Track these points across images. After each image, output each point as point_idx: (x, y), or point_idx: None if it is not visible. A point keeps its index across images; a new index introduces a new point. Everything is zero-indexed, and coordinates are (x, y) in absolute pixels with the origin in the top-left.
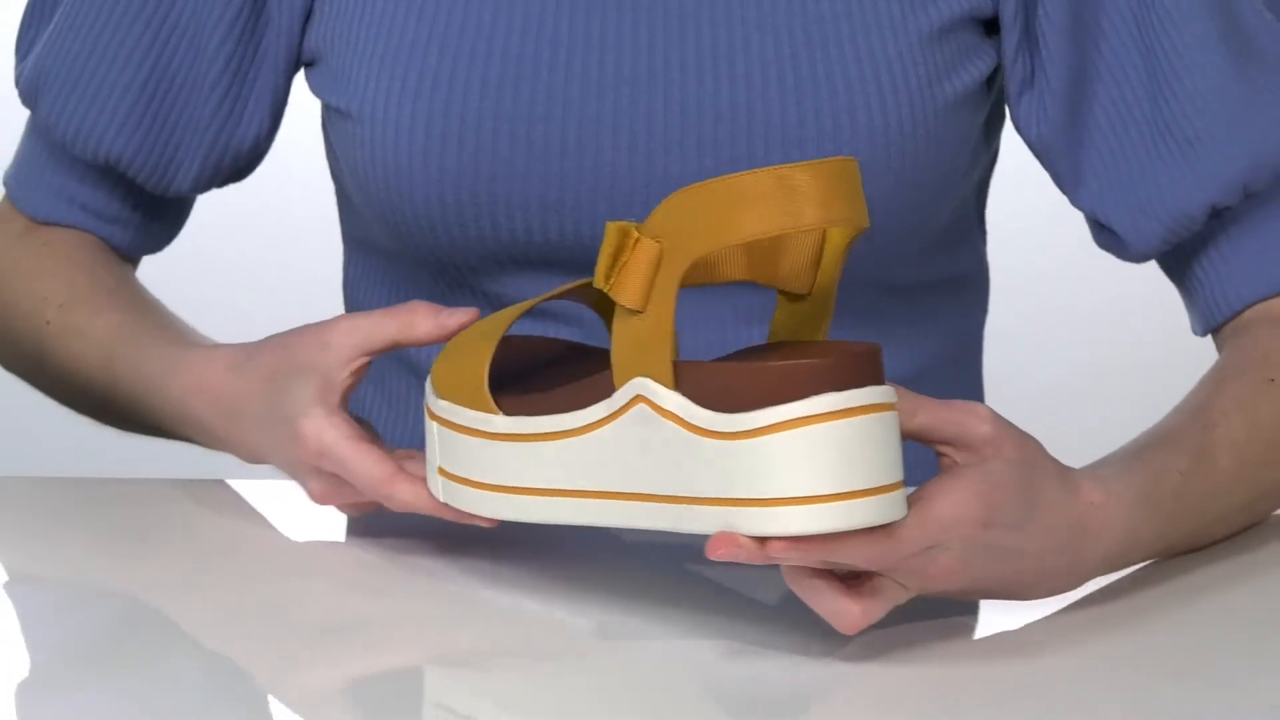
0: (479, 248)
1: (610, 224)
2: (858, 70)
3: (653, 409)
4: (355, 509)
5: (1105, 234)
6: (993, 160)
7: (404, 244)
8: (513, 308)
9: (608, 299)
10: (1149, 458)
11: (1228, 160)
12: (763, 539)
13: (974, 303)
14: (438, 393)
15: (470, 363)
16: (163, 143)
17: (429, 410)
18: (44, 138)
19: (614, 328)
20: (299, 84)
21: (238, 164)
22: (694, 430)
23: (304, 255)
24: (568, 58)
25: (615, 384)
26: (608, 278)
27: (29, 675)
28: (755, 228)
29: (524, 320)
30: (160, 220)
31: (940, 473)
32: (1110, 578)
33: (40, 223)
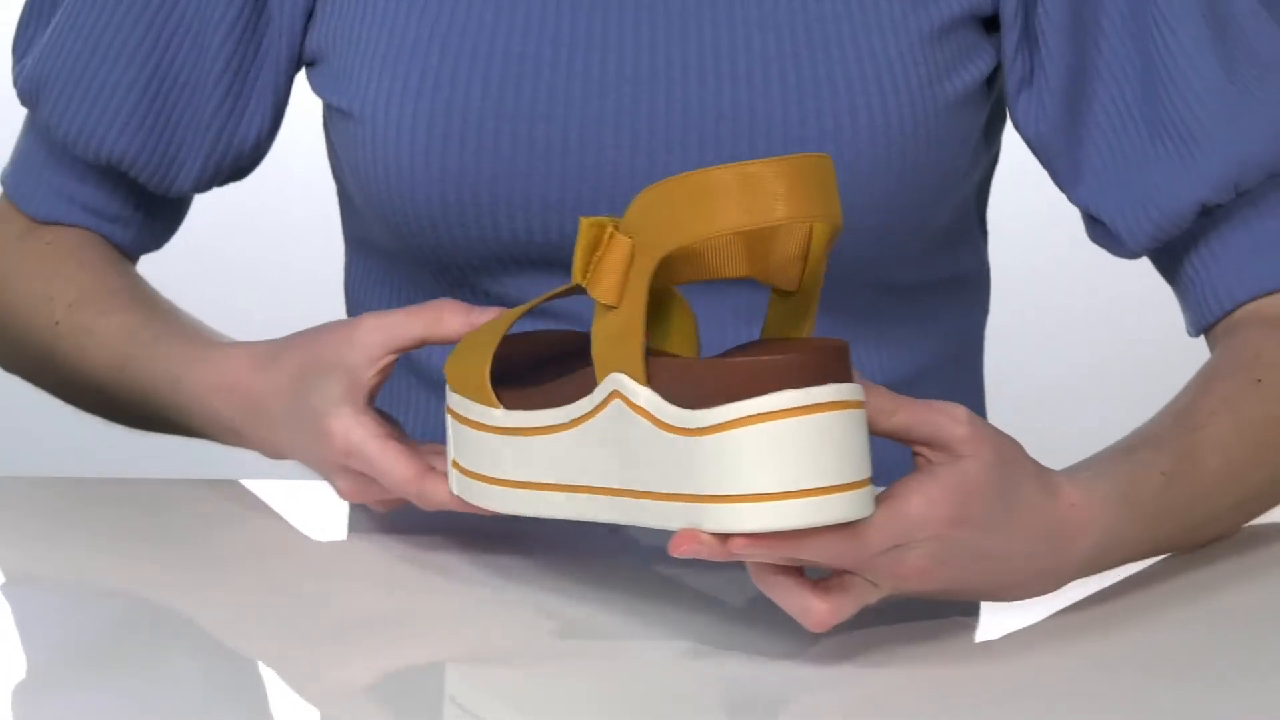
0: (480, 248)
1: (584, 219)
2: (859, 70)
3: (626, 404)
4: (383, 506)
5: (1098, 229)
6: (994, 161)
7: (405, 244)
8: (522, 306)
9: None
10: (1131, 459)
11: (1219, 159)
12: (725, 536)
13: (974, 303)
14: (451, 387)
15: (476, 357)
16: (165, 142)
17: (446, 405)
18: (44, 138)
19: (593, 323)
20: (299, 84)
21: (239, 163)
22: (661, 426)
23: (304, 255)
24: (569, 56)
25: (596, 379)
26: (584, 273)
27: (28, 676)
28: (719, 224)
29: (525, 319)
30: (160, 219)
31: (913, 471)
32: (1108, 578)
33: (41, 222)
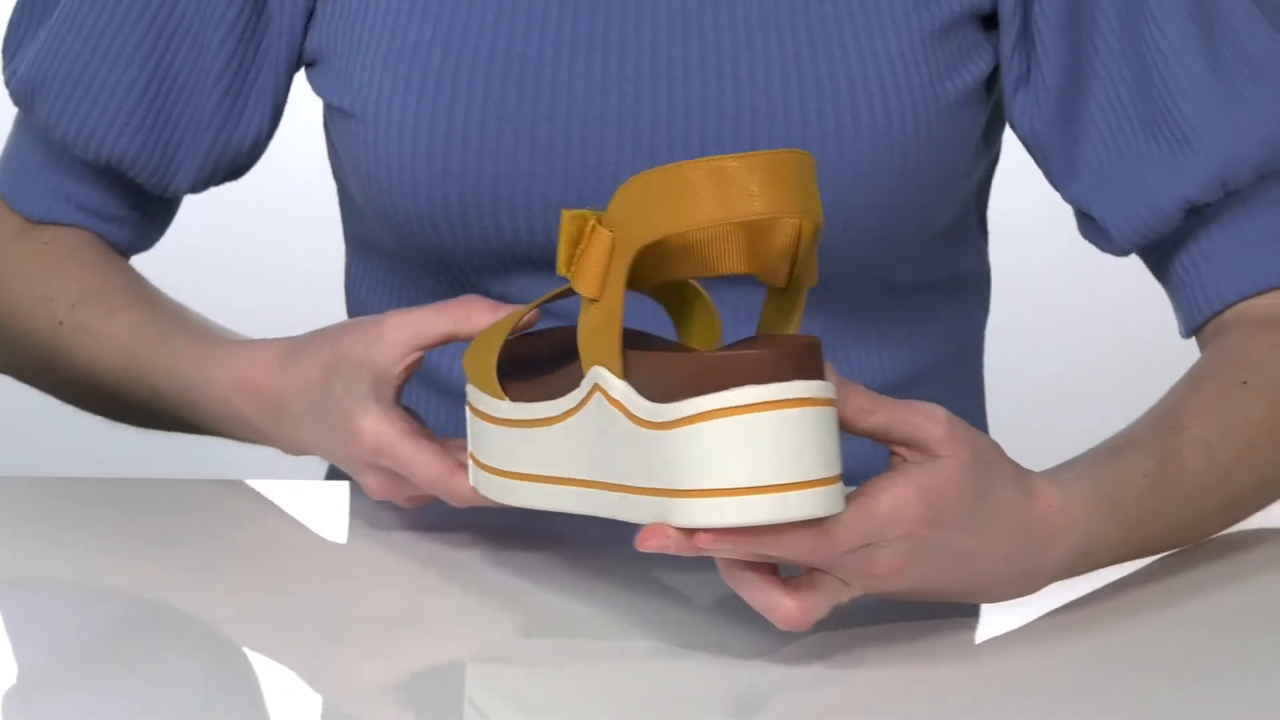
0: (482, 248)
1: (565, 211)
2: (860, 70)
3: (605, 397)
4: (410, 502)
5: (1089, 225)
6: (994, 161)
7: (407, 244)
8: (536, 300)
9: None
10: (1113, 459)
11: (1207, 157)
12: (692, 531)
13: (975, 303)
14: (468, 379)
15: (486, 351)
16: (164, 142)
17: (466, 399)
18: (40, 137)
19: (579, 316)
20: (299, 84)
21: (237, 162)
22: (634, 419)
23: (304, 255)
24: (571, 56)
25: (583, 372)
26: (568, 266)
27: (28, 677)
28: (692, 218)
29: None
30: (154, 218)
31: (887, 470)
32: (1104, 578)
33: (35, 222)
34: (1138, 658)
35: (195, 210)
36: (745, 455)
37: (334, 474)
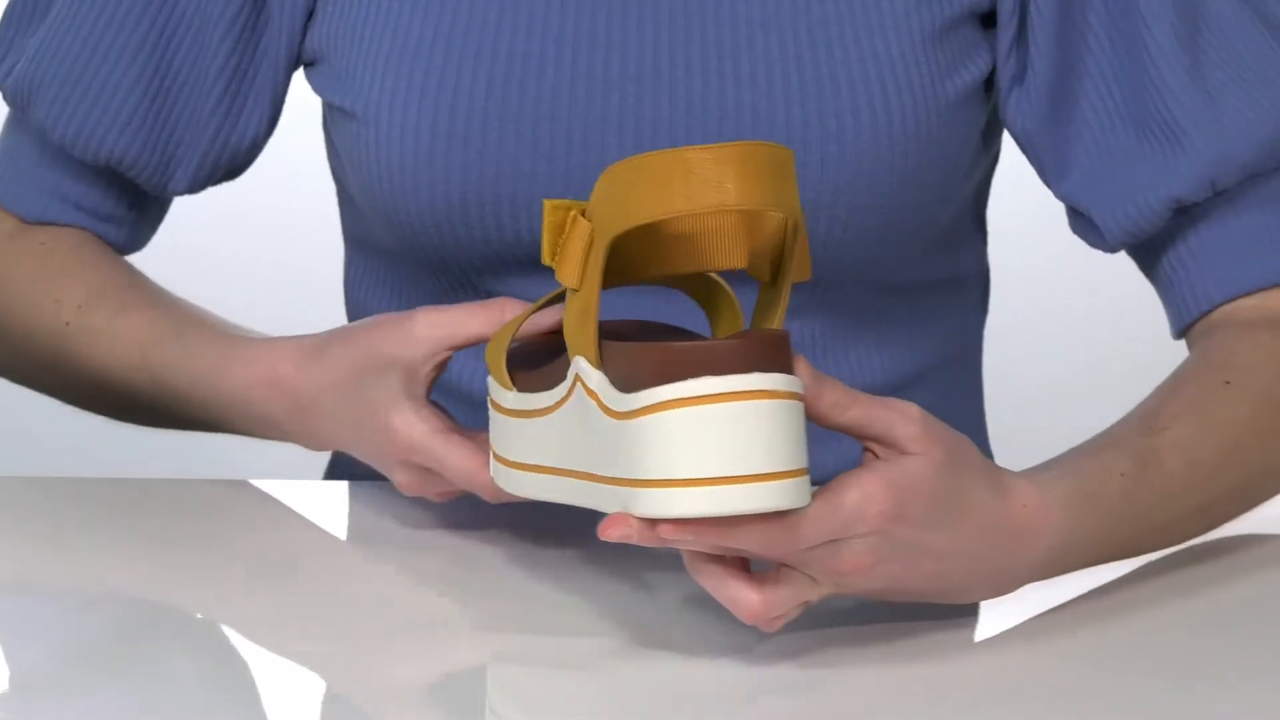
0: (484, 248)
1: (547, 201)
2: (861, 70)
3: (583, 387)
4: (442, 497)
5: (1079, 221)
6: (994, 161)
7: (407, 244)
8: (549, 295)
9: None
10: (1091, 459)
11: (1195, 156)
12: (654, 521)
13: (974, 303)
14: (487, 370)
15: (498, 342)
16: (164, 141)
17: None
18: (37, 138)
19: (565, 307)
20: (298, 83)
21: (235, 162)
22: (605, 410)
23: (304, 255)
24: (573, 56)
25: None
26: (552, 256)
27: (31, 679)
28: (658, 209)
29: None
30: (149, 218)
31: (858, 466)
32: (1096, 579)
33: (31, 222)
34: (1130, 657)
35: (194, 210)
36: (701, 446)
37: (333, 474)
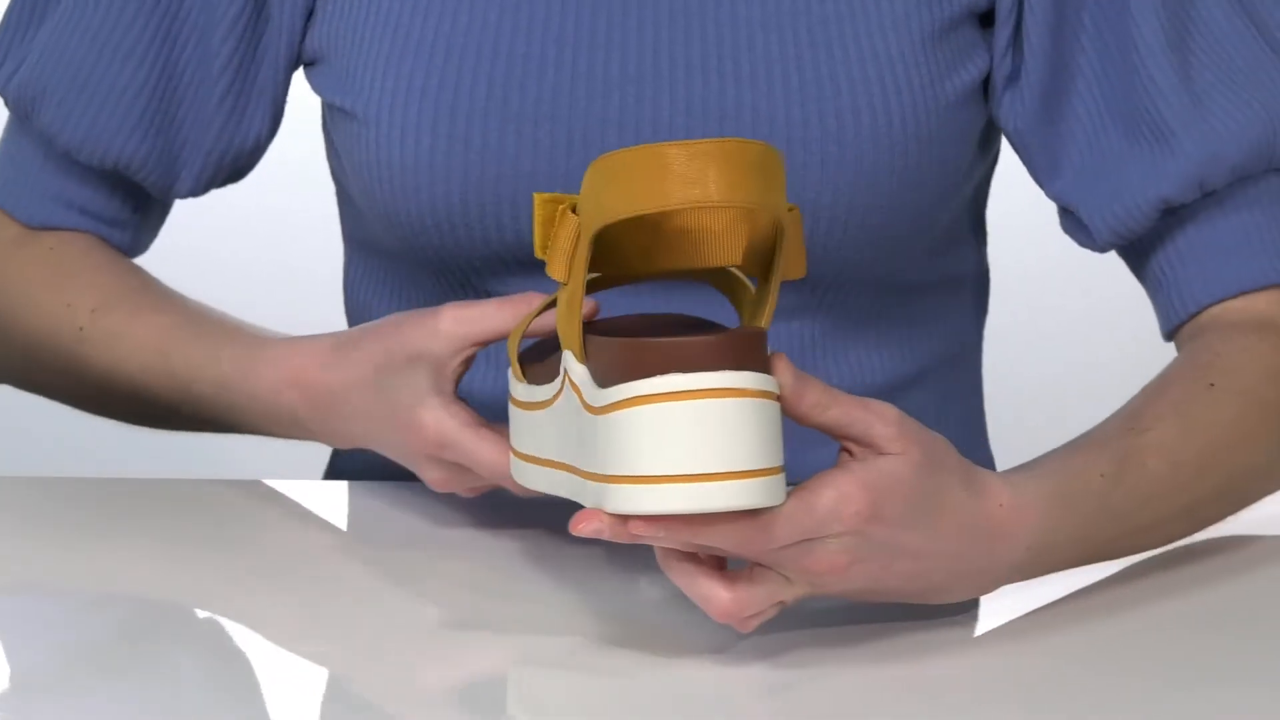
0: (484, 249)
1: (536, 195)
2: (861, 70)
3: (569, 381)
4: (473, 492)
5: (1070, 220)
6: (993, 161)
7: (407, 245)
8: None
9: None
10: (1071, 459)
11: (1183, 157)
12: (625, 517)
13: (974, 303)
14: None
15: (514, 334)
16: (169, 143)
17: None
18: (41, 143)
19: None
20: (298, 83)
21: (238, 163)
22: (584, 404)
23: (304, 255)
24: (573, 56)
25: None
26: (544, 249)
27: (29, 679)
28: (633, 204)
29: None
30: (152, 221)
31: (834, 466)
32: (1078, 578)
33: (35, 228)
34: (1115, 657)
35: (194, 211)
36: (669, 443)
37: (333, 474)
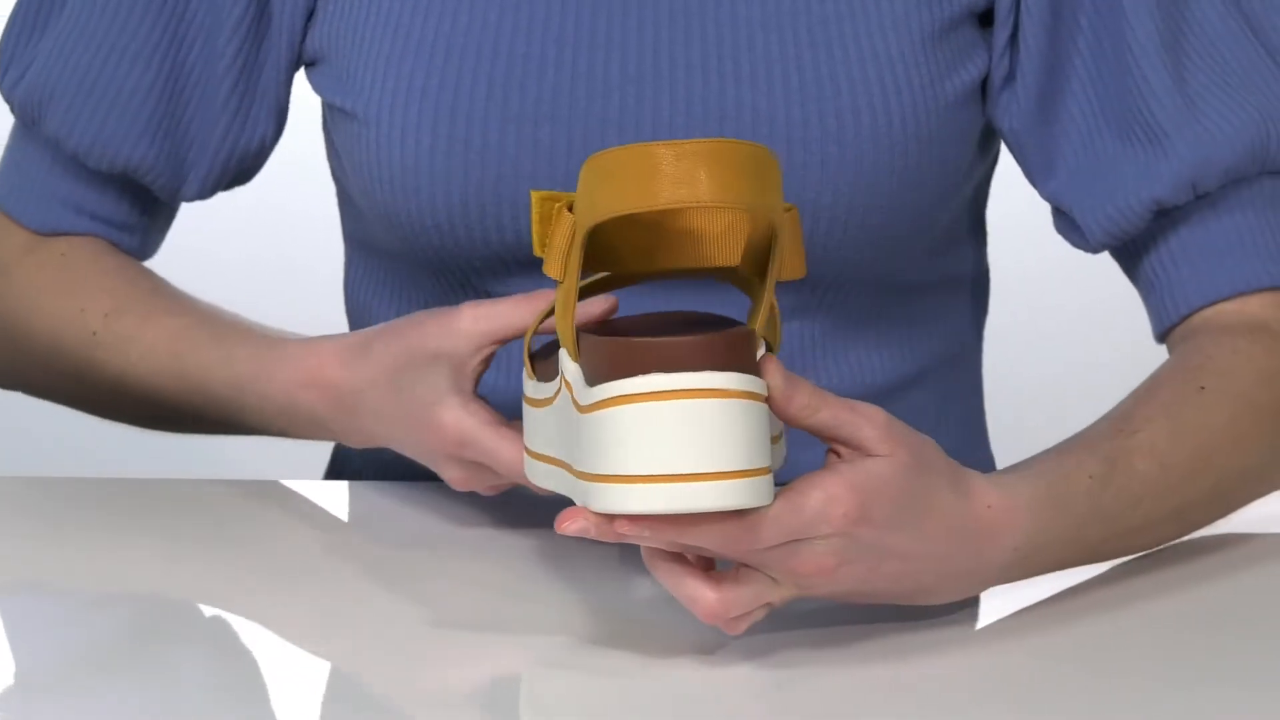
0: (484, 249)
1: (534, 193)
2: (861, 70)
3: (564, 379)
4: (494, 490)
5: (1063, 220)
6: (993, 161)
7: (407, 245)
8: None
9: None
10: (1060, 460)
11: (1176, 159)
12: (611, 516)
13: (974, 303)
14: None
15: (528, 332)
16: (177, 146)
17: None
18: (48, 148)
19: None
20: (298, 84)
21: (244, 165)
22: (574, 402)
23: (304, 255)
24: (573, 57)
25: None
26: (542, 246)
27: (31, 679)
28: (623, 203)
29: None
30: (160, 224)
31: (822, 468)
32: (1068, 578)
33: (45, 234)
34: (1104, 657)
35: (195, 211)
36: (650, 442)
37: (333, 473)
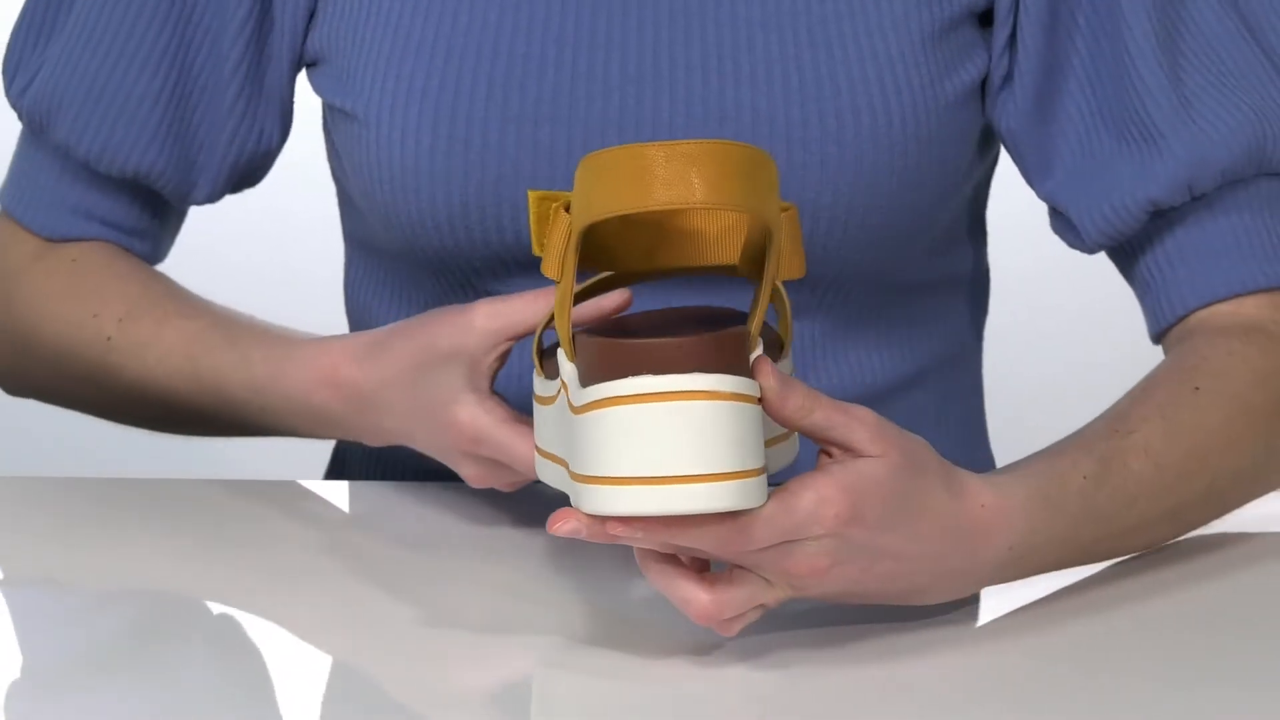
0: (484, 250)
1: (531, 192)
2: (860, 70)
3: (561, 379)
4: (511, 487)
5: (1060, 220)
6: (993, 161)
7: (408, 246)
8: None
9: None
10: (1054, 461)
11: (1172, 159)
12: (604, 517)
13: (974, 303)
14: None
15: (538, 329)
16: (186, 150)
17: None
18: (57, 155)
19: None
20: (299, 84)
21: (252, 167)
22: (568, 402)
23: (304, 255)
24: (574, 57)
25: None
26: (540, 245)
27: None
28: (615, 204)
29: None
30: (170, 228)
31: (814, 469)
32: (1063, 578)
33: (55, 241)
34: (1098, 657)
35: (195, 211)
36: (638, 444)
37: (333, 473)
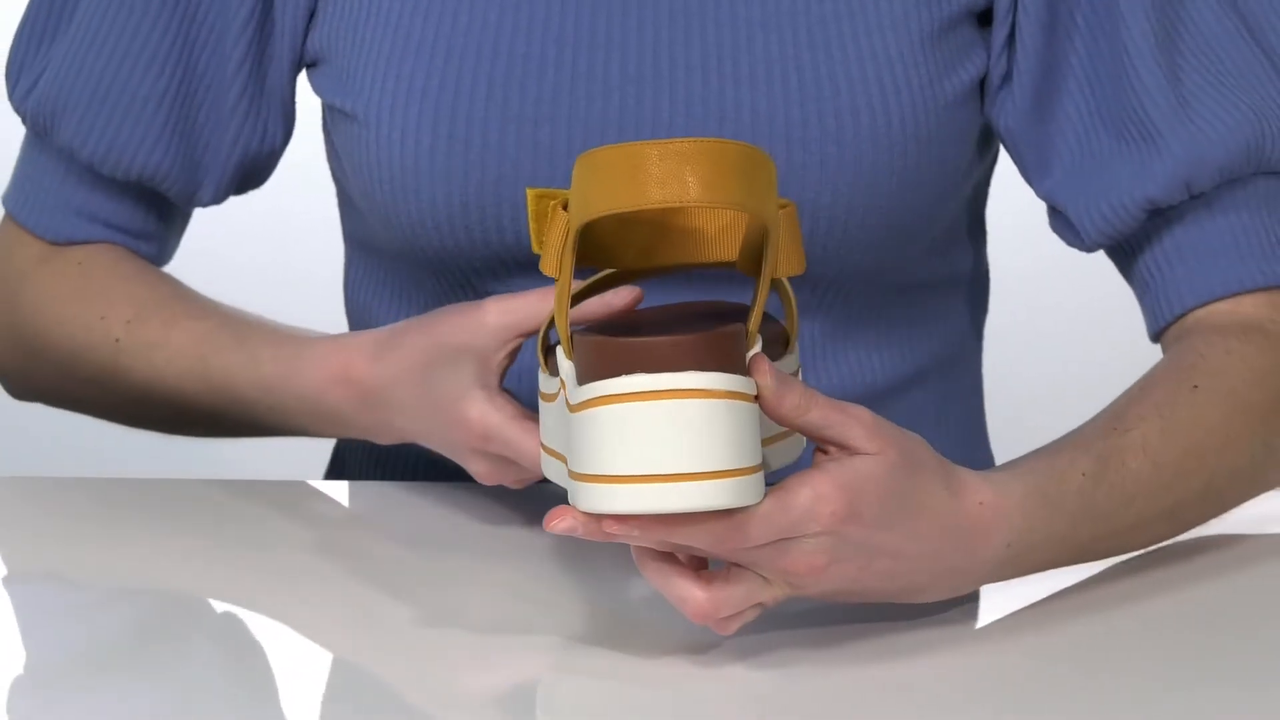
0: (484, 250)
1: (530, 190)
2: (860, 70)
3: (560, 377)
4: (521, 484)
5: (1058, 219)
6: (993, 161)
7: (408, 246)
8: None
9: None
10: (1052, 459)
11: (1170, 158)
12: (600, 515)
13: (974, 303)
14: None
15: (543, 326)
16: (191, 152)
17: None
18: (62, 158)
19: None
20: (299, 85)
21: (256, 167)
22: (566, 400)
23: (304, 256)
24: (573, 57)
25: None
26: (539, 243)
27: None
28: (611, 202)
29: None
30: (175, 230)
31: (810, 467)
32: (1061, 578)
33: (61, 244)
34: (1097, 656)
35: (195, 212)
36: (632, 443)
37: (333, 473)
